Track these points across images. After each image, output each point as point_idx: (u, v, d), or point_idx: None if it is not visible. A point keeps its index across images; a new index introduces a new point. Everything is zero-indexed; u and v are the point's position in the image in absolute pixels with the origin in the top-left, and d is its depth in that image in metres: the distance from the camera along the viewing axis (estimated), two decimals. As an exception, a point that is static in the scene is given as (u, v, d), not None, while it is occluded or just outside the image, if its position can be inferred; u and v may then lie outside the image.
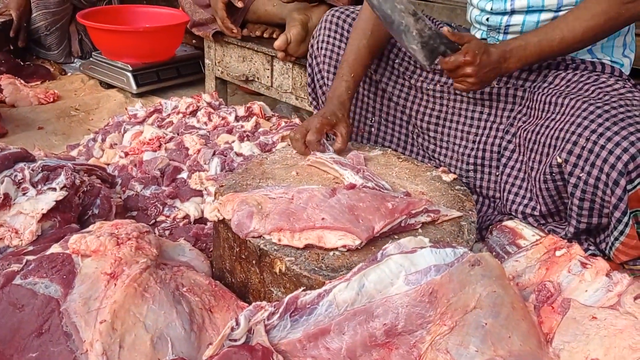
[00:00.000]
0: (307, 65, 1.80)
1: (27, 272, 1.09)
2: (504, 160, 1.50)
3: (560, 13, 1.44)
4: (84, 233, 1.17)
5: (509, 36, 1.54)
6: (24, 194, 1.31)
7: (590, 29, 1.34)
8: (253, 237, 1.15)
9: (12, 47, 2.93)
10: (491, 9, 1.52)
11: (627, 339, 0.91)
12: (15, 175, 1.32)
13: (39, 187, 1.33)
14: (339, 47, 1.70)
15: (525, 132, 1.40)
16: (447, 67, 1.38)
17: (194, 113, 1.97)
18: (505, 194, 1.47)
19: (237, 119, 1.88)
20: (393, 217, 1.16)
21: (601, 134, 1.19)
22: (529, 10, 1.47)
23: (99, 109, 2.60)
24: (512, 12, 1.49)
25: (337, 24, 1.70)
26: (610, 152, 1.17)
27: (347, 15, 1.70)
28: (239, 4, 2.15)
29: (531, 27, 1.49)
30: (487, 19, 1.55)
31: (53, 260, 1.11)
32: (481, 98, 1.56)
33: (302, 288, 1.04)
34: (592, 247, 1.30)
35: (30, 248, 1.24)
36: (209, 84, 2.64)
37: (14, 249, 1.25)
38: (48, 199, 1.30)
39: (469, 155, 1.58)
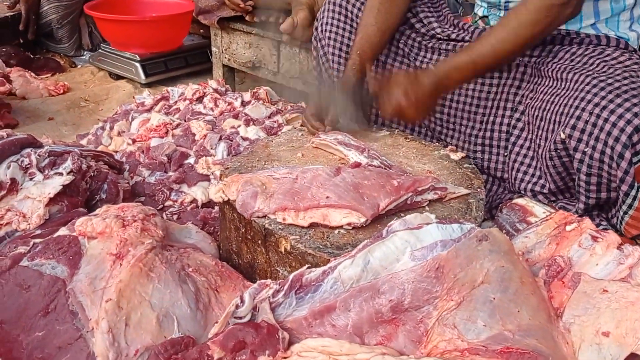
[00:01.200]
0: (312, 48, 1.78)
1: (34, 254, 1.10)
2: (512, 139, 1.48)
3: None
4: (91, 216, 1.17)
5: None
6: (31, 179, 1.32)
7: (520, 38, 1.32)
8: (258, 217, 1.15)
9: (22, 41, 2.95)
10: None
11: (638, 311, 0.88)
12: (22, 161, 1.32)
13: (46, 172, 1.34)
14: (344, 29, 1.69)
15: (533, 109, 1.38)
16: (388, 116, 1.42)
17: (200, 99, 1.96)
18: (514, 172, 1.45)
19: (243, 104, 1.88)
20: (398, 194, 1.14)
21: (604, 107, 1.16)
22: None
23: (108, 100, 2.61)
24: None
25: (341, 6, 1.68)
26: (614, 125, 1.14)
27: None
28: None
29: None
30: None
31: (60, 242, 1.11)
32: (490, 77, 1.53)
33: (307, 266, 1.03)
34: (604, 223, 1.28)
35: (38, 231, 1.24)
36: (217, 72, 2.63)
37: (22, 232, 1.25)
38: (55, 184, 1.30)
39: (476, 136, 1.56)
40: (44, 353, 0.96)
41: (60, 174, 1.34)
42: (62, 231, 1.17)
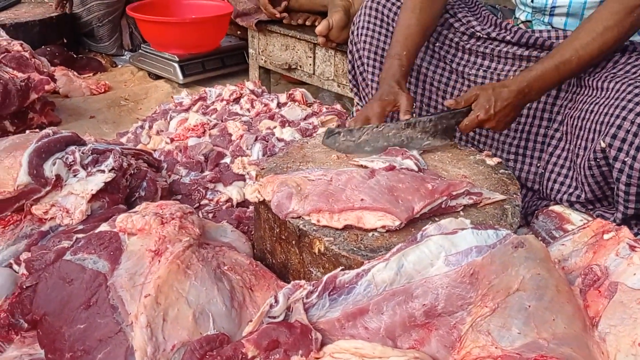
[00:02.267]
0: (348, 51, 1.79)
1: (77, 248, 1.13)
2: (550, 149, 1.45)
3: None
4: (131, 213, 1.21)
5: (555, 18, 1.49)
6: (74, 176, 1.36)
7: (604, 44, 1.29)
8: (292, 217, 1.16)
9: (65, 41, 3.04)
10: None
11: (678, 323, 0.87)
12: (67, 158, 1.37)
13: (89, 169, 1.38)
14: (380, 33, 1.69)
15: (572, 119, 1.36)
16: (468, 130, 1.38)
17: (237, 100, 1.99)
18: (551, 183, 1.43)
19: (279, 105, 1.90)
20: (433, 197, 1.14)
21: None
22: None
23: (147, 99, 2.67)
24: None
25: (377, 10, 1.68)
26: None
27: (387, 0, 1.69)
28: None
29: (578, 10, 1.44)
30: (532, 1, 1.50)
31: (101, 237, 1.15)
32: None
33: (340, 267, 1.04)
34: (643, 232, 1.25)
35: (80, 227, 1.28)
36: (253, 73, 2.67)
37: (65, 227, 1.30)
38: (97, 181, 1.34)
39: (510, 144, 1.54)
40: (85, 345, 1.00)
41: (102, 171, 1.39)
42: (103, 227, 1.20)
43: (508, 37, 1.54)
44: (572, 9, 1.45)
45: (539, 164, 1.49)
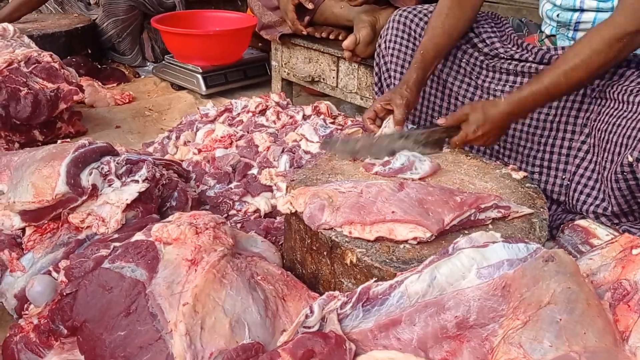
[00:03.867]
0: (375, 64, 1.82)
1: (115, 257, 1.17)
2: (577, 161, 1.47)
3: None
4: (165, 222, 1.24)
5: (579, 33, 1.51)
6: (109, 185, 1.40)
7: (593, 65, 1.32)
8: (324, 229, 1.19)
9: (90, 51, 3.10)
10: (560, 4, 1.50)
11: None
12: (102, 168, 1.41)
13: (123, 179, 1.42)
14: (407, 47, 1.72)
15: (598, 132, 1.37)
16: (457, 147, 1.46)
17: (262, 112, 2.03)
18: (577, 194, 1.44)
19: (304, 117, 1.93)
20: (462, 210, 1.16)
21: None
22: (599, 10, 1.45)
23: (170, 110, 2.72)
24: (582, 9, 1.47)
25: (404, 24, 1.72)
26: None
27: (415, 15, 1.72)
28: (309, 6, 2.20)
29: None
30: (558, 15, 1.53)
31: (138, 246, 1.18)
32: None
33: (373, 279, 1.06)
34: (670, 247, 1.26)
35: (116, 236, 1.32)
36: (275, 85, 2.71)
37: (101, 236, 1.33)
38: (132, 190, 1.38)
39: (534, 157, 1.56)
40: (125, 352, 1.02)
41: (136, 181, 1.42)
42: (138, 236, 1.23)
43: (530, 58, 1.56)
44: None
45: (564, 176, 1.51)
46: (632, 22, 1.25)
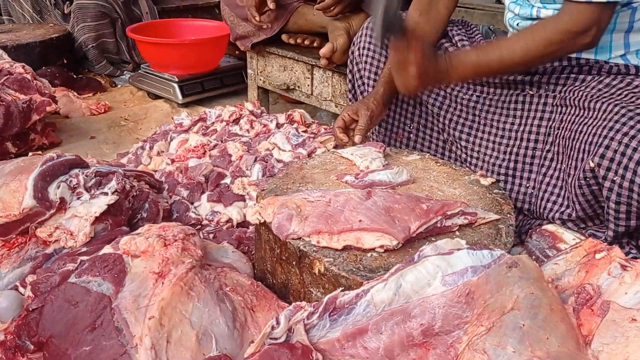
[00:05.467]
0: (348, 71, 1.83)
1: (82, 271, 1.16)
2: (542, 169, 1.49)
3: None
4: (134, 235, 1.23)
5: None
6: (78, 198, 1.39)
7: (529, 53, 1.35)
8: (293, 239, 1.19)
9: (65, 61, 3.08)
10: (518, 13, 1.52)
11: (668, 341, 0.89)
12: (71, 181, 1.40)
13: (93, 191, 1.41)
14: (380, 54, 1.73)
15: (563, 139, 1.39)
16: (395, 57, 1.41)
17: (236, 121, 2.03)
18: (543, 202, 1.46)
19: (278, 126, 1.93)
20: (428, 217, 1.17)
21: (633, 136, 1.18)
22: None
23: (146, 119, 2.70)
24: (537, 18, 1.49)
25: None
26: None
27: None
28: (272, 5, 2.22)
29: None
30: (518, 24, 1.55)
31: (105, 260, 1.17)
32: (514, 108, 1.56)
33: (340, 288, 1.07)
34: (633, 251, 1.28)
35: (84, 249, 1.31)
36: (252, 93, 2.71)
37: (69, 249, 1.32)
38: (101, 203, 1.37)
39: (499, 166, 1.58)
40: (91, 366, 1.02)
41: (106, 193, 1.41)
42: (107, 249, 1.23)
43: None
44: None
45: (528, 184, 1.53)
46: (576, 23, 1.28)
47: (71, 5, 3.20)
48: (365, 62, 1.75)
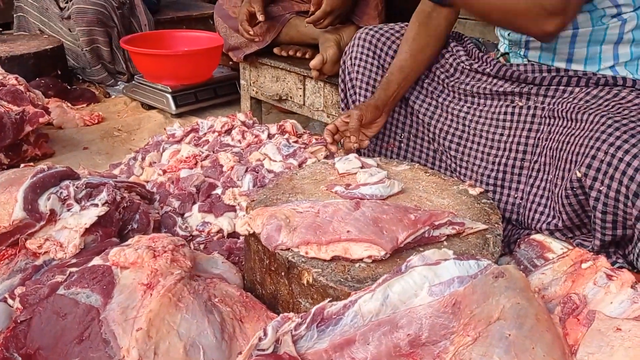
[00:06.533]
0: (340, 81, 1.84)
1: (70, 282, 1.16)
2: (530, 180, 1.50)
3: (580, 30, 1.44)
4: (123, 246, 1.24)
5: (530, 52, 1.55)
6: (68, 210, 1.39)
7: (493, 7, 1.35)
8: (281, 249, 1.20)
9: (59, 72, 3.09)
10: None
11: (652, 350, 0.90)
12: (61, 193, 1.40)
13: (83, 203, 1.41)
14: (372, 64, 1.75)
15: (550, 150, 1.41)
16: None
17: (228, 132, 2.04)
18: (531, 213, 1.47)
19: (269, 136, 1.94)
20: (416, 227, 1.18)
21: (619, 147, 1.19)
22: None
23: (140, 130, 2.71)
24: None
25: (370, 42, 1.75)
26: (629, 165, 1.17)
27: (381, 34, 1.75)
28: (261, 17, 2.24)
29: (550, 46, 1.50)
30: (509, 34, 1.57)
31: (94, 271, 1.18)
32: (503, 119, 1.57)
33: (328, 299, 1.07)
34: (620, 260, 1.29)
35: (74, 260, 1.31)
36: (245, 103, 2.72)
37: (59, 261, 1.32)
38: (91, 215, 1.37)
39: (488, 176, 1.59)
40: (78, 379, 1.02)
41: (96, 205, 1.42)
42: (96, 261, 1.23)
43: (488, 70, 1.61)
44: (545, 45, 1.51)
45: (516, 195, 1.54)
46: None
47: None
48: (357, 72, 1.76)
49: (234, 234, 1.63)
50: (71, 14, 3.16)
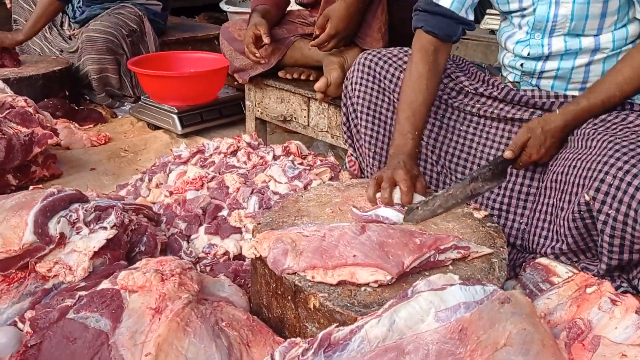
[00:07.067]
0: (342, 104, 1.87)
1: (80, 306, 1.17)
2: (536, 205, 1.51)
3: (596, 57, 1.47)
4: (132, 269, 1.25)
5: (543, 81, 1.57)
6: (77, 233, 1.40)
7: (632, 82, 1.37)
8: (288, 274, 1.21)
9: (67, 93, 3.13)
10: (528, 54, 1.56)
11: (657, 377, 0.91)
12: (71, 216, 1.42)
13: (92, 226, 1.42)
14: (372, 89, 1.77)
15: (555, 174, 1.42)
16: (523, 168, 1.50)
17: (234, 153, 2.06)
18: (536, 237, 1.48)
19: (274, 158, 1.96)
20: (421, 252, 1.19)
21: (627, 171, 1.21)
22: (564, 54, 1.51)
23: (146, 150, 2.74)
24: (548, 57, 1.53)
25: (369, 67, 1.77)
26: (637, 189, 1.19)
27: (379, 58, 1.78)
28: (267, 40, 2.27)
29: (565, 74, 1.53)
30: (522, 65, 1.59)
31: (103, 295, 1.19)
32: (507, 144, 1.58)
33: (335, 324, 1.08)
34: (624, 284, 1.30)
35: (83, 284, 1.32)
36: (249, 123, 2.75)
37: (68, 284, 1.33)
38: (99, 238, 1.39)
39: (494, 201, 1.60)
40: (87, 404, 1.02)
41: (105, 228, 1.43)
42: (105, 284, 1.24)
43: (495, 93, 1.62)
44: (560, 73, 1.54)
45: (521, 220, 1.55)
46: None
47: (79, 28, 3.28)
48: (358, 97, 1.79)
49: (239, 256, 1.64)
50: (80, 43, 3.20)
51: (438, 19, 1.58)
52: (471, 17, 1.62)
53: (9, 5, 3.66)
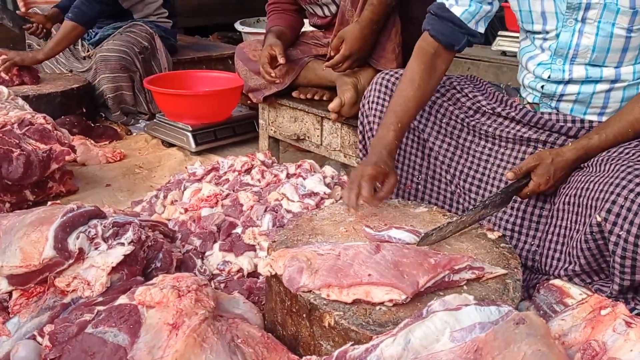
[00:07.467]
0: (359, 123, 1.89)
1: (98, 321, 1.19)
2: (549, 227, 1.52)
3: (617, 85, 1.49)
4: (149, 285, 1.27)
5: (562, 104, 1.59)
6: (96, 249, 1.43)
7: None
8: (303, 291, 1.22)
9: (84, 110, 3.18)
10: (548, 77, 1.58)
11: (674, 400, 0.91)
12: (89, 232, 1.44)
13: (110, 242, 1.45)
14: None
15: (567, 197, 1.43)
16: (528, 197, 1.52)
17: (248, 171, 2.08)
18: (549, 260, 1.49)
19: (287, 176, 1.99)
20: (436, 272, 1.20)
21: (638, 193, 1.22)
22: (585, 81, 1.53)
23: (160, 167, 2.77)
24: (569, 81, 1.55)
25: (386, 87, 1.80)
26: None
27: (397, 78, 1.80)
28: (282, 60, 2.31)
29: (585, 99, 1.54)
30: (542, 87, 1.60)
31: (121, 310, 1.21)
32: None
33: (350, 342, 1.09)
34: (638, 306, 1.30)
35: (100, 299, 1.34)
36: (263, 142, 2.78)
37: (86, 299, 1.36)
38: (117, 253, 1.41)
39: (507, 221, 1.61)
40: (105, 418, 1.04)
41: (122, 244, 1.46)
42: (123, 299, 1.26)
43: (513, 114, 1.63)
44: (581, 97, 1.55)
45: (532, 242, 1.56)
46: None
47: (93, 49, 3.36)
48: (374, 116, 1.81)
49: (254, 274, 1.65)
50: (95, 63, 3.26)
51: (446, 25, 1.61)
52: (481, 29, 1.64)
53: (22, 9, 3.72)
